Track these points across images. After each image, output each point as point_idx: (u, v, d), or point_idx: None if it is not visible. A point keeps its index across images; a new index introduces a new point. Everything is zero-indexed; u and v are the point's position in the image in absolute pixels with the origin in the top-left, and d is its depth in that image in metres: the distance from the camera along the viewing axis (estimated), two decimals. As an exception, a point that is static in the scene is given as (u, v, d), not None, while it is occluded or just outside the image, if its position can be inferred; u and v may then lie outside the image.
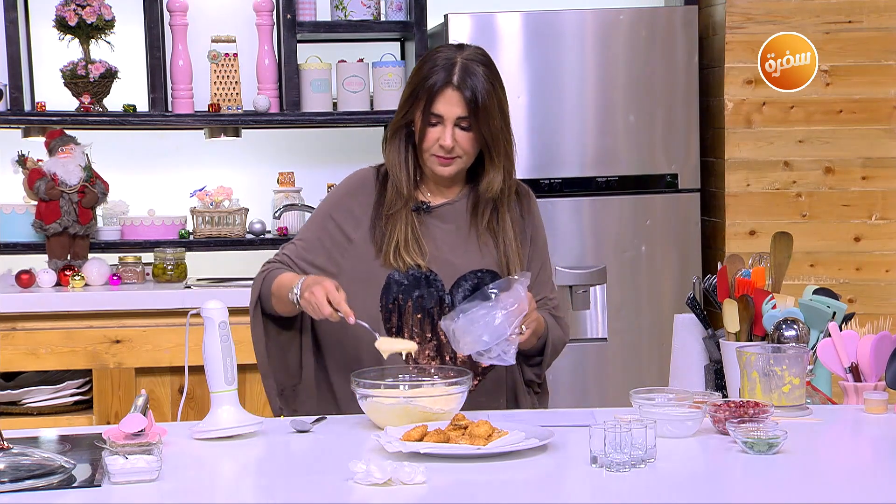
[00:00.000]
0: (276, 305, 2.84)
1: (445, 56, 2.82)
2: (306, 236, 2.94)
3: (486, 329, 2.64)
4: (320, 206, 2.99)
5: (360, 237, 2.87)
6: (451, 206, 2.91)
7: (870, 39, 4.61)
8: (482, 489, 2.20)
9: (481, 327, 2.64)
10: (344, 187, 2.97)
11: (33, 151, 4.45)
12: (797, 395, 2.64)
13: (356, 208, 2.90)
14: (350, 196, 2.93)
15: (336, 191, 2.98)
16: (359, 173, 2.97)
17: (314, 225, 2.94)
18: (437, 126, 2.81)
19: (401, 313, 2.85)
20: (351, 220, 2.89)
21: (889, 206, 4.65)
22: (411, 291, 2.85)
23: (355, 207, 2.90)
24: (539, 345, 2.89)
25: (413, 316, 2.85)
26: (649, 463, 2.28)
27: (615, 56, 4.60)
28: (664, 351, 3.87)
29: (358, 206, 2.90)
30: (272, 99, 4.62)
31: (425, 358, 2.85)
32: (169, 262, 4.42)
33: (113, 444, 2.31)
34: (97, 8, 4.45)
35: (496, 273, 2.86)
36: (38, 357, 4.13)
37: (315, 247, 2.90)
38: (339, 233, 2.89)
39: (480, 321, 2.64)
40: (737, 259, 3.02)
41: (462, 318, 2.65)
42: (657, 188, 4.64)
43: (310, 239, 2.92)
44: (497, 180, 2.86)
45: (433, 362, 2.85)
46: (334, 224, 2.90)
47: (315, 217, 2.96)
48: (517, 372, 2.94)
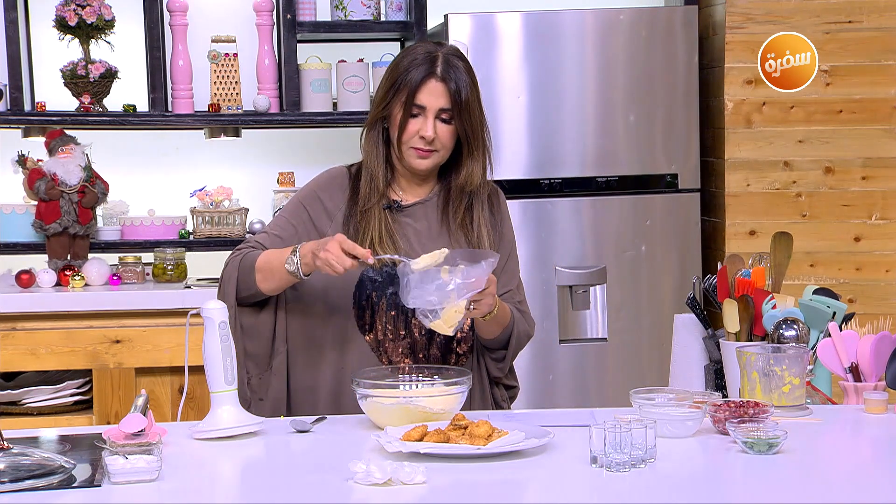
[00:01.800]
0: (262, 283, 2.81)
1: (426, 50, 2.84)
2: (278, 223, 2.93)
3: (437, 291, 2.62)
4: (292, 198, 2.98)
5: (333, 232, 2.86)
6: (423, 204, 2.92)
7: (870, 39, 4.61)
8: (482, 489, 2.20)
9: (433, 288, 2.63)
10: (316, 183, 2.97)
11: (33, 151, 4.45)
12: (797, 395, 2.65)
13: (328, 203, 2.90)
14: (322, 190, 2.93)
15: (308, 186, 2.98)
16: (332, 171, 2.98)
17: (286, 213, 2.94)
18: (418, 117, 2.82)
19: (374, 310, 2.85)
20: (323, 214, 2.90)
21: (889, 206, 4.65)
22: (385, 289, 2.85)
23: (327, 202, 2.90)
24: (504, 337, 2.89)
25: (387, 313, 2.85)
26: (649, 463, 2.28)
27: (615, 56, 4.60)
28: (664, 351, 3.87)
29: (330, 200, 2.91)
30: (272, 99, 4.62)
31: (398, 356, 2.85)
32: (169, 262, 4.42)
33: (113, 444, 2.31)
34: (97, 8, 4.45)
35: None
36: (38, 357, 4.13)
37: (289, 233, 2.89)
38: (310, 223, 2.89)
39: (434, 282, 2.63)
40: (737, 259, 3.01)
41: (419, 273, 2.64)
42: (657, 188, 4.64)
43: (283, 225, 2.91)
44: (477, 173, 2.88)
45: (406, 360, 2.85)
46: (307, 215, 2.90)
47: (287, 208, 2.96)
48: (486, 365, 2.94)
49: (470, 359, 2.92)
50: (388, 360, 2.85)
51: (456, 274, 2.63)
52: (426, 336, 2.85)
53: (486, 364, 2.94)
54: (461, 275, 2.63)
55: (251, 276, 2.82)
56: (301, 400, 2.89)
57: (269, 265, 2.79)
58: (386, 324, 2.85)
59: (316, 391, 2.88)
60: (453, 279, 2.63)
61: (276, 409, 2.87)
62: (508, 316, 2.86)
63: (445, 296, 2.62)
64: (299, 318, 2.89)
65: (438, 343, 2.86)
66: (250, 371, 2.89)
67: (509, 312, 2.86)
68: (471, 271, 2.64)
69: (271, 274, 2.79)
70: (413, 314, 2.75)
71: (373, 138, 2.90)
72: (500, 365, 2.93)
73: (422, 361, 2.85)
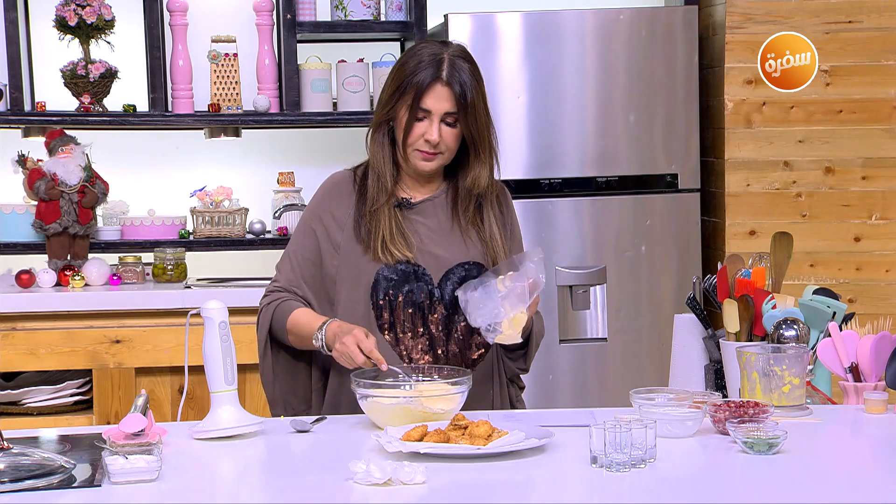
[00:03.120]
0: (294, 342, 2.88)
1: (431, 52, 2.84)
2: (296, 246, 2.96)
3: (502, 303, 2.67)
4: (303, 216, 3.00)
5: (346, 238, 2.89)
6: (432, 201, 2.93)
7: (870, 39, 4.61)
8: (482, 489, 2.20)
9: (495, 304, 2.67)
10: (322, 192, 2.99)
11: (33, 151, 4.45)
12: (797, 395, 2.65)
13: (336, 211, 2.91)
14: (330, 197, 2.95)
15: (315, 197, 3.00)
16: (335, 176, 2.99)
17: (301, 238, 2.96)
18: (423, 121, 2.82)
19: (392, 309, 2.86)
20: (334, 223, 2.91)
21: (889, 206, 4.65)
22: (401, 286, 2.85)
23: (336, 211, 2.91)
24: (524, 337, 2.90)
25: (404, 311, 2.86)
26: (649, 463, 2.28)
27: (615, 56, 4.60)
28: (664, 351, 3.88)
29: (338, 207, 2.92)
30: (272, 99, 4.62)
31: (418, 353, 2.86)
32: (169, 262, 4.42)
33: (113, 444, 2.31)
34: (97, 8, 4.45)
35: (483, 265, 2.88)
36: (38, 357, 4.13)
37: (305, 266, 2.93)
38: (326, 240, 2.91)
39: (493, 298, 2.67)
40: (737, 259, 3.01)
41: (481, 290, 2.68)
42: (657, 188, 4.64)
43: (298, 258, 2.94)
44: (483, 175, 2.89)
45: (426, 357, 2.86)
46: (324, 229, 2.91)
47: (300, 229, 2.98)
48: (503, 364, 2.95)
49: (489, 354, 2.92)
50: (408, 358, 2.86)
51: (509, 280, 2.68)
52: (444, 332, 2.87)
53: (505, 363, 2.95)
54: (516, 280, 2.68)
55: (283, 334, 2.88)
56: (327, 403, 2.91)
57: (298, 330, 2.84)
58: (404, 321, 2.86)
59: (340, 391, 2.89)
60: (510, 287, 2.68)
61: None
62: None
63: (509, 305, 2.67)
64: None
65: (457, 339, 2.87)
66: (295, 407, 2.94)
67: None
68: (524, 273, 2.68)
69: (300, 340, 2.86)
70: (465, 322, 2.80)
71: (378, 139, 2.90)
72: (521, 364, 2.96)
73: (441, 358, 2.86)
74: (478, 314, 2.68)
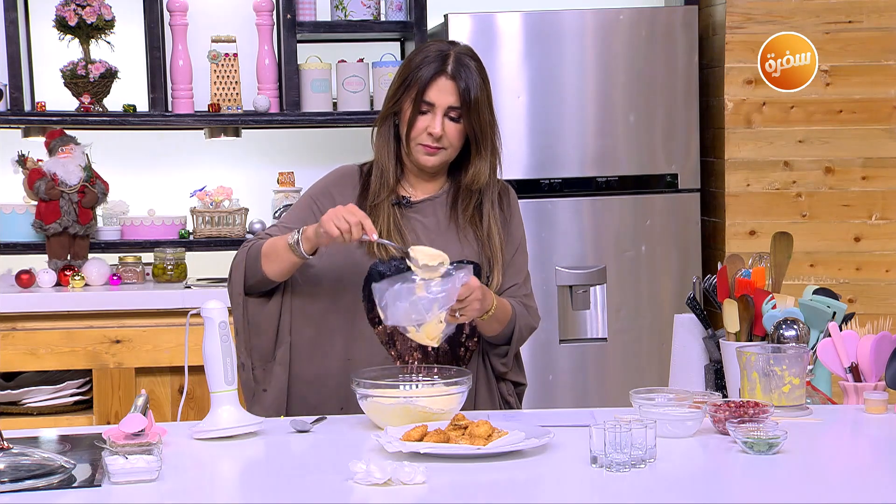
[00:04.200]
0: (266, 266, 2.82)
1: (438, 48, 2.86)
2: (289, 216, 2.95)
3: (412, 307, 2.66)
4: (303, 195, 3.00)
5: None
6: (432, 201, 2.94)
7: (870, 39, 4.61)
8: (482, 489, 2.20)
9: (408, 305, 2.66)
10: (328, 179, 2.99)
11: (33, 151, 4.45)
12: (797, 395, 2.65)
13: (339, 199, 2.90)
14: (335, 185, 2.95)
15: (320, 182, 3.00)
16: (343, 168, 3.00)
17: (298, 209, 2.96)
18: (427, 114, 2.83)
19: None
20: None
21: (889, 206, 4.65)
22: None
23: (338, 197, 2.91)
24: (507, 332, 2.90)
25: None
26: (649, 463, 2.28)
27: (615, 56, 4.60)
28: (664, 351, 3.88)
29: (341, 196, 2.91)
30: (272, 99, 4.62)
31: (408, 349, 2.86)
32: (169, 262, 4.42)
33: (113, 444, 2.31)
34: (97, 8, 4.45)
35: (477, 264, 2.88)
36: (38, 357, 4.13)
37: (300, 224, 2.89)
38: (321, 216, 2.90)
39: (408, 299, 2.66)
40: (737, 259, 3.02)
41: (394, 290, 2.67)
42: (657, 188, 4.65)
43: (293, 219, 2.92)
44: (484, 172, 2.89)
45: (415, 353, 2.86)
46: (318, 209, 2.90)
47: (299, 203, 2.98)
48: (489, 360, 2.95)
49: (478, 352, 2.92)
50: (397, 353, 2.86)
51: (429, 288, 2.67)
52: None
53: (489, 359, 2.95)
54: (434, 289, 2.67)
55: (258, 262, 2.84)
56: (305, 391, 2.89)
57: (273, 248, 2.81)
58: None
59: (322, 382, 2.88)
60: (426, 294, 2.67)
61: (279, 399, 2.88)
62: (509, 312, 2.87)
63: (421, 311, 2.66)
64: (306, 309, 2.90)
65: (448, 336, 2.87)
66: (255, 362, 2.90)
67: (510, 309, 2.87)
68: (442, 284, 2.67)
69: (276, 255, 2.80)
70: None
71: (384, 133, 2.91)
72: (504, 360, 2.94)
73: (430, 354, 2.86)
74: (388, 313, 2.68)
